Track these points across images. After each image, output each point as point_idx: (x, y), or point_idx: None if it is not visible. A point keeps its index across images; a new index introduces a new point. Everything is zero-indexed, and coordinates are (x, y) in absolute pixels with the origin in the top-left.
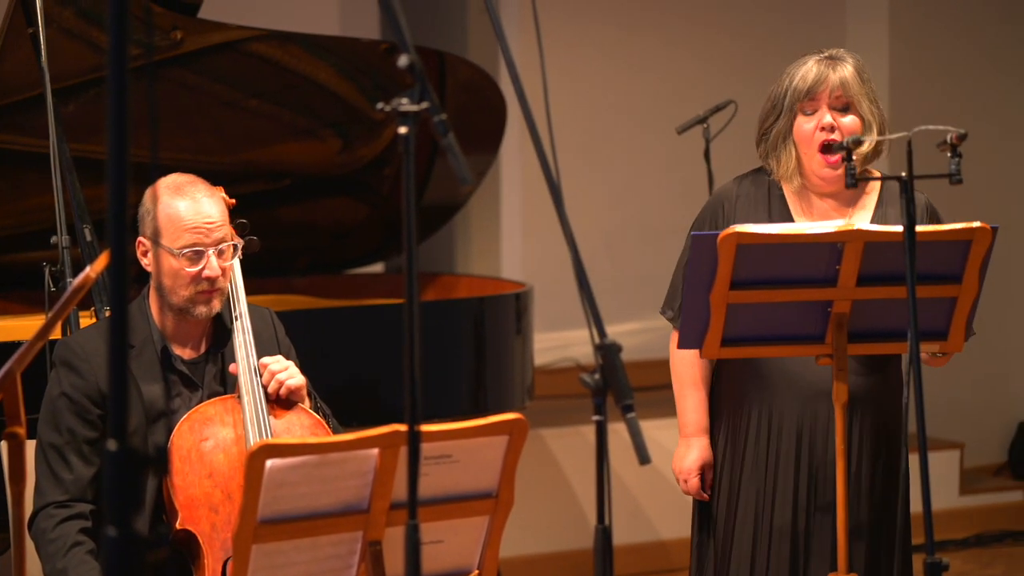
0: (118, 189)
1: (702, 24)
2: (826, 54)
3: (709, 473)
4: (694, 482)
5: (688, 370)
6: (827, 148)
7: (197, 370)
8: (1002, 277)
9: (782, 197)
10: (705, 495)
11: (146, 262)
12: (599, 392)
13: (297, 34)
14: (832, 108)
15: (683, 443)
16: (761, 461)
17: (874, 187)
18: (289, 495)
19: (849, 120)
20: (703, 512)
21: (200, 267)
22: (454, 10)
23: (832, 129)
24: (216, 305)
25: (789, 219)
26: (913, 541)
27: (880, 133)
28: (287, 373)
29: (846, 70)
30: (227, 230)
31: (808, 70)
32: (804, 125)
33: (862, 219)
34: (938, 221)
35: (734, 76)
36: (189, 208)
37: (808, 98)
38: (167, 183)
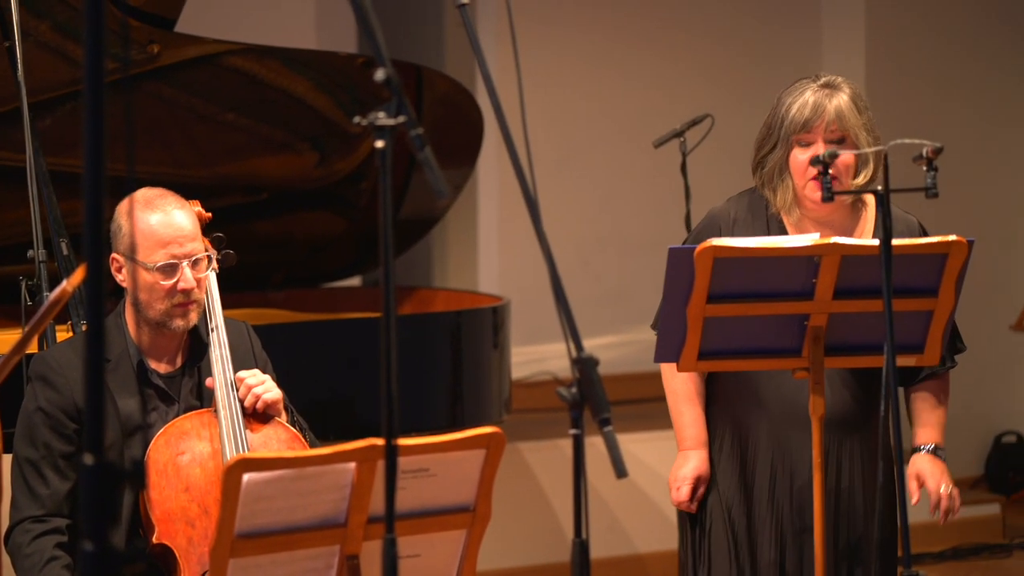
0: (95, 203)
1: (679, 36)
2: (822, 81)
3: (703, 487)
4: (685, 489)
5: (683, 385)
6: (814, 160)
7: (173, 384)
8: (978, 290)
9: (780, 224)
10: (692, 506)
11: (121, 278)
12: (576, 406)
13: (274, 48)
14: (827, 141)
15: (681, 456)
16: (741, 486)
17: (869, 211)
18: (266, 509)
19: (843, 155)
20: (685, 524)
21: (175, 280)
22: (431, 24)
23: None
24: (193, 318)
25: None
26: None
27: (876, 163)
28: (264, 387)
29: (841, 100)
30: (200, 242)
31: (804, 102)
32: (799, 156)
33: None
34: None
35: (711, 87)
36: (161, 222)
37: (804, 131)
38: (138, 198)
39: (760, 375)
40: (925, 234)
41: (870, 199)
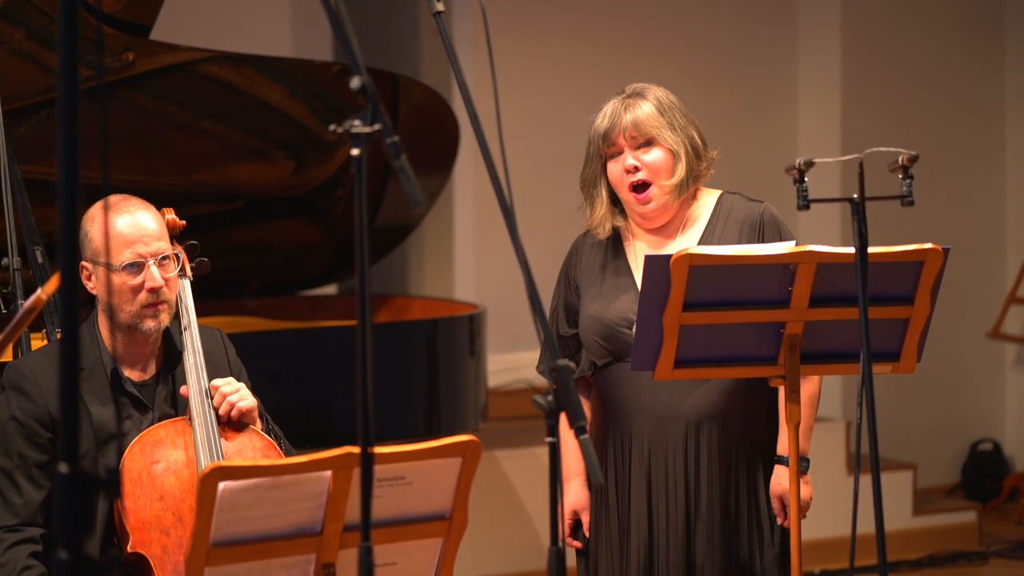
0: (69, 211)
1: (654, 41)
2: (627, 92)
3: (586, 515)
4: (565, 527)
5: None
6: (637, 188)
7: (147, 392)
8: (954, 298)
9: (620, 244)
10: (576, 542)
11: (91, 285)
12: (552, 414)
13: (250, 56)
14: (633, 148)
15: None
16: (620, 489)
17: (704, 208)
18: (242, 517)
19: (652, 156)
20: (580, 553)
21: (141, 278)
22: (407, 32)
23: (636, 170)
24: (164, 319)
25: (622, 256)
26: (866, 562)
27: (697, 156)
28: (238, 395)
29: (641, 107)
30: (167, 241)
31: (603, 114)
32: (613, 168)
33: (690, 240)
34: (776, 232)
35: (686, 91)
36: (126, 223)
37: (607, 143)
38: (101, 204)
39: (633, 379)
40: (776, 224)
41: (704, 193)
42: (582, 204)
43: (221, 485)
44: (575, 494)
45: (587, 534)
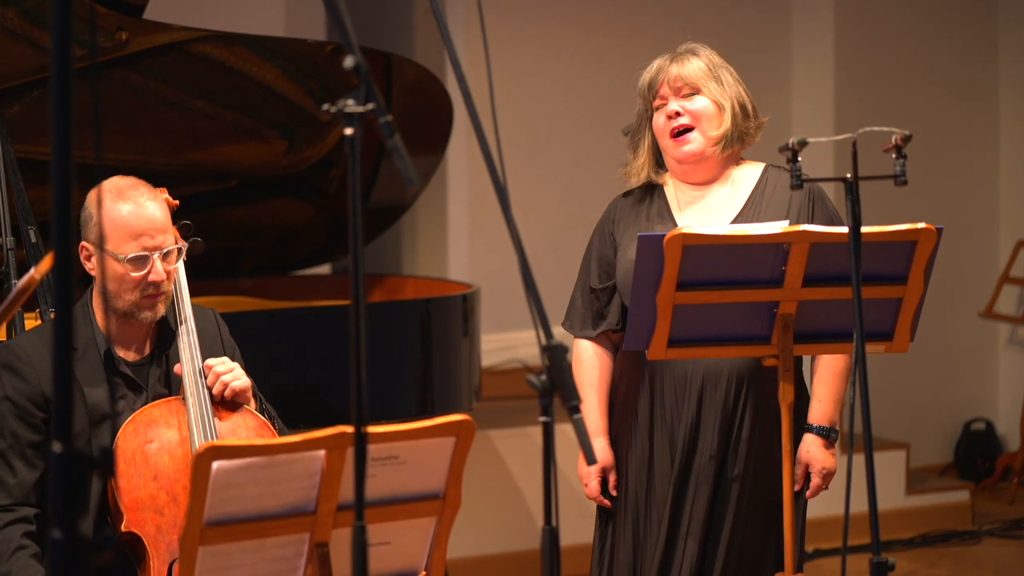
0: (63, 190)
1: (646, 22)
2: (678, 50)
3: (612, 475)
4: (594, 485)
5: (586, 373)
6: (678, 134)
7: (141, 372)
8: (947, 278)
9: (661, 191)
10: (606, 500)
11: (90, 266)
12: (546, 393)
13: (243, 35)
14: (679, 97)
15: None
16: (643, 449)
17: (750, 175)
18: (236, 497)
19: (697, 104)
20: (603, 512)
21: (145, 272)
22: (400, 11)
23: (678, 115)
24: (161, 309)
25: (666, 208)
26: (859, 541)
27: (744, 113)
28: (232, 375)
29: (689, 61)
30: (172, 234)
31: (650, 67)
32: (658, 119)
33: (736, 201)
34: (823, 209)
35: None
36: (133, 213)
37: (652, 94)
38: (109, 187)
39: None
40: (824, 199)
41: (748, 163)
42: (626, 160)
43: (215, 464)
44: (602, 452)
45: (613, 492)
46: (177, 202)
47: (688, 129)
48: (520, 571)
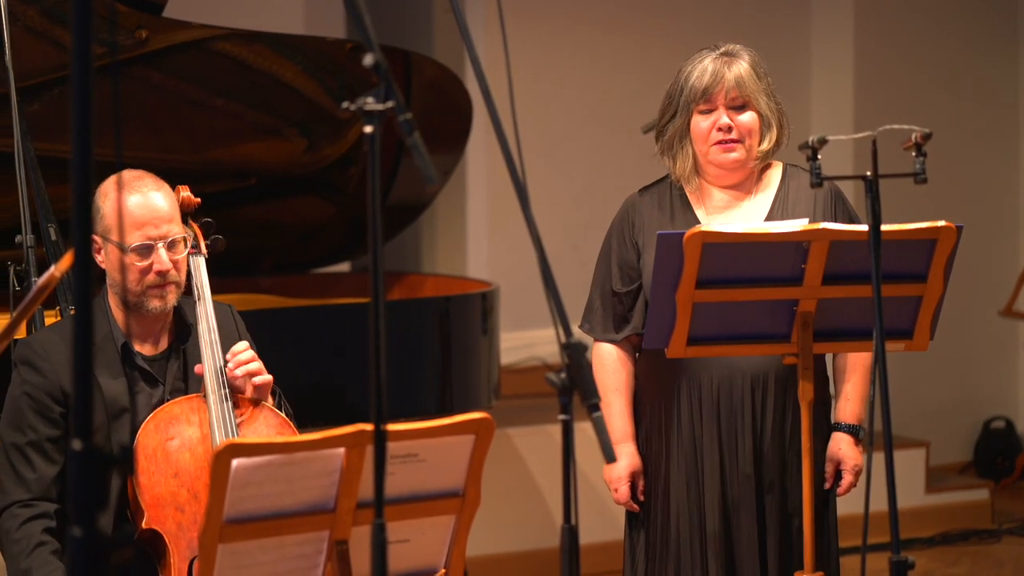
0: (82, 188)
1: (666, 22)
2: (722, 50)
3: (640, 480)
4: (624, 490)
5: (610, 377)
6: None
7: (158, 366)
8: (967, 276)
9: (682, 193)
10: (635, 505)
11: (100, 259)
12: (565, 391)
13: (262, 33)
14: (728, 107)
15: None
16: (687, 454)
17: (773, 174)
18: (255, 495)
19: (747, 117)
20: (633, 517)
21: (150, 261)
22: (420, 9)
23: (729, 130)
24: (171, 299)
25: (690, 212)
26: (879, 540)
27: (780, 127)
28: (257, 365)
29: (741, 67)
30: (177, 224)
31: (704, 69)
32: (701, 123)
33: (763, 204)
34: (844, 208)
35: None
36: (138, 203)
37: (704, 99)
38: (115, 180)
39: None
40: (843, 200)
41: (776, 163)
42: (655, 153)
43: (234, 462)
44: (630, 457)
45: (641, 497)
46: (198, 200)
47: (737, 142)
48: (539, 570)
